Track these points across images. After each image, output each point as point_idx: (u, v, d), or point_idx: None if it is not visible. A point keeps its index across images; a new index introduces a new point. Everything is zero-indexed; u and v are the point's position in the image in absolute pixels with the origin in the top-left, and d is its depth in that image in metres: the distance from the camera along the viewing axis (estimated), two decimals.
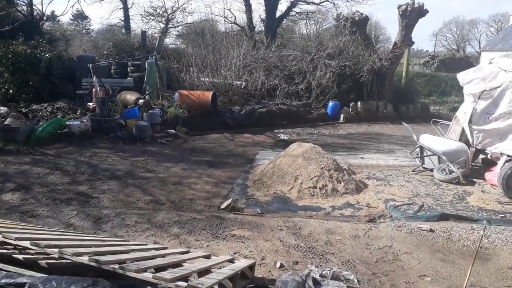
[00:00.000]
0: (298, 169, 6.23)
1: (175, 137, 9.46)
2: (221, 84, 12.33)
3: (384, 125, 12.80)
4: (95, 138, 8.72)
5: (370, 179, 6.73)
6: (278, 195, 5.88)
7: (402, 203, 5.65)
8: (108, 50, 15.60)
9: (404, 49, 13.90)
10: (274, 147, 9.10)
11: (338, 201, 5.72)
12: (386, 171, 7.32)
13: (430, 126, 13.31)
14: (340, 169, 6.36)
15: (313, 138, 10.22)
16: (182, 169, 7.04)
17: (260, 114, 11.61)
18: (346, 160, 7.96)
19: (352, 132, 11.40)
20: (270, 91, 13.73)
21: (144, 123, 8.90)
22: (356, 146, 9.46)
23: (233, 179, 6.57)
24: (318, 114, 12.74)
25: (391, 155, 8.67)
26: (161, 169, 7.00)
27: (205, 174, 6.82)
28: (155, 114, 9.50)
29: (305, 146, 6.64)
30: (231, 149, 8.73)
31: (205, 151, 8.46)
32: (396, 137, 10.74)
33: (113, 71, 14.11)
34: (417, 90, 15.54)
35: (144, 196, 5.68)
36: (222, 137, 10.09)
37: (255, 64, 14.27)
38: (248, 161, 7.75)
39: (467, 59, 34.16)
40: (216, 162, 7.59)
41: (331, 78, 13.32)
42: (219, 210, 5.23)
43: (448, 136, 7.60)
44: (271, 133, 10.92)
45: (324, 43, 14.67)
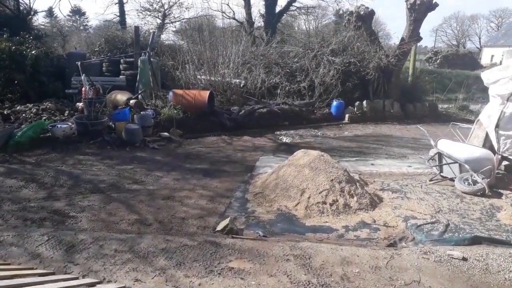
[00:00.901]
0: (304, 181, 5.51)
1: (169, 141, 8.72)
2: (219, 83, 11.58)
3: (391, 126, 12.07)
4: (81, 143, 7.98)
5: (384, 191, 6.01)
6: (283, 212, 5.16)
7: (425, 221, 4.94)
8: (100, 47, 14.81)
9: (412, 45, 13.15)
10: (276, 152, 8.37)
11: (351, 219, 5.00)
12: (401, 180, 6.60)
13: (439, 127, 12.61)
14: (352, 181, 5.63)
15: (318, 142, 9.50)
16: (174, 180, 6.30)
17: (260, 114, 10.87)
18: (356, 168, 7.24)
19: (358, 133, 10.67)
20: (270, 89, 12.98)
21: (134, 126, 8.15)
22: (364, 150, 8.74)
23: (231, 192, 5.84)
24: (322, 114, 12.00)
25: (404, 160, 7.95)
26: (151, 180, 6.26)
27: (200, 185, 6.09)
28: (147, 116, 8.75)
29: (312, 155, 5.91)
30: (229, 155, 8.00)
31: (200, 157, 7.73)
32: (406, 140, 10.02)
33: (104, 69, 13.33)
34: (425, 88, 14.80)
35: (128, 214, 4.95)
36: (219, 140, 9.36)
37: (254, 61, 13.52)
38: (247, 169, 7.03)
39: (471, 55, 33.42)
40: (212, 170, 6.86)
41: (335, 76, 12.57)
42: (214, 233, 4.51)
43: (469, 141, 6.87)
44: (272, 135, 10.19)
45: (327, 39, 13.91)
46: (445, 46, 57.06)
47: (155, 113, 9.57)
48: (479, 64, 33.04)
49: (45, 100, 11.16)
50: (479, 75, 25.28)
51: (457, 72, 28.23)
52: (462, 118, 14.08)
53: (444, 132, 11.41)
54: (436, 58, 31.05)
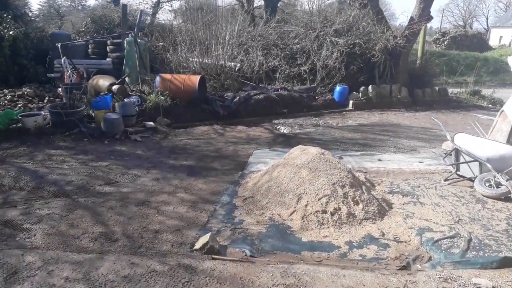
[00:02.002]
0: (301, 185, 4.72)
1: (154, 132, 7.92)
2: (212, 66, 10.68)
3: (399, 113, 11.21)
4: (55, 135, 7.20)
5: (394, 194, 5.23)
6: (275, 222, 4.39)
7: (442, 234, 4.16)
8: (86, 27, 13.85)
9: (422, 25, 12.16)
10: (272, 145, 7.57)
11: (356, 232, 4.23)
12: (412, 180, 5.81)
13: (450, 114, 11.72)
14: (357, 184, 4.85)
15: (319, 132, 8.67)
16: (154, 180, 5.53)
17: (256, 101, 10.02)
18: (361, 164, 6.44)
19: (363, 122, 9.83)
20: (269, 73, 12.09)
21: (114, 116, 7.34)
22: (370, 142, 7.92)
23: (217, 195, 5.07)
24: (324, 100, 11.13)
25: (414, 155, 7.14)
26: (127, 180, 5.49)
27: (182, 187, 5.31)
28: (129, 104, 7.93)
29: (311, 153, 5.11)
30: (219, 148, 7.20)
31: (187, 151, 6.94)
32: (415, 130, 9.18)
33: (90, 51, 12.41)
34: (434, 72, 13.84)
35: (93, 225, 4.19)
36: (211, 130, 8.55)
37: (251, 42, 12.58)
38: (239, 166, 6.24)
39: (480, 36, 32.14)
40: (198, 168, 6.08)
41: (338, 59, 11.64)
42: (192, 252, 3.75)
43: (491, 136, 6.03)
44: (269, 125, 9.36)
45: (330, 18, 12.89)
46: (451, 26, 55.40)
47: (140, 100, 8.74)
48: (488, 45, 31.80)
49: (26, 85, 10.35)
50: (488, 57, 24.23)
51: (465, 54, 27.07)
52: (474, 105, 13.23)
53: (456, 121, 10.57)
54: (444, 39, 29.82)
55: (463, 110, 12.23)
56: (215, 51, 10.90)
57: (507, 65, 27.32)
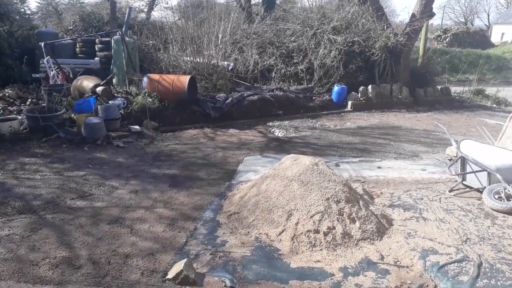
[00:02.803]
0: (292, 200, 4.25)
1: (139, 136, 7.45)
2: (204, 66, 10.19)
3: (400, 114, 10.72)
4: (31, 141, 6.73)
5: (394, 208, 4.76)
6: (262, 244, 3.92)
7: (449, 257, 3.70)
8: (74, 25, 13.36)
9: (424, 22, 11.66)
10: (264, 150, 7.10)
11: (351, 255, 3.76)
12: (414, 191, 5.35)
13: (453, 115, 11.22)
14: (353, 199, 4.37)
15: (315, 136, 8.19)
16: (132, 192, 5.06)
17: (250, 103, 9.54)
18: (359, 172, 5.97)
19: (362, 125, 9.35)
20: (264, 72, 11.63)
21: (95, 120, 6.86)
22: (369, 147, 7.44)
23: (200, 211, 4.60)
24: (321, 101, 10.65)
25: (416, 161, 6.66)
26: (102, 193, 5.02)
27: (162, 200, 4.85)
28: (113, 106, 7.45)
29: (303, 163, 4.63)
30: (207, 154, 6.73)
31: (172, 158, 6.46)
32: (417, 133, 8.70)
33: (78, 50, 11.93)
34: (437, 71, 13.33)
35: (57, 248, 3.72)
36: (200, 134, 8.08)
37: (246, 40, 12.08)
38: (227, 175, 5.77)
39: (482, 32, 31.57)
40: (183, 178, 5.61)
41: (336, 57, 11.15)
42: (164, 282, 3.29)
43: (500, 143, 5.55)
44: (263, 127, 8.89)
45: (328, 15, 12.39)
46: (452, 23, 54.79)
47: (126, 102, 8.26)
48: (490, 42, 31.23)
49: (9, 86, 9.86)
50: (491, 54, 23.58)
51: (467, 51, 26.51)
52: (478, 104, 12.74)
53: (460, 122, 10.09)
54: (446, 36, 29.25)
55: (467, 110, 11.74)
56: (207, 50, 10.41)
57: (509, 63, 26.78)
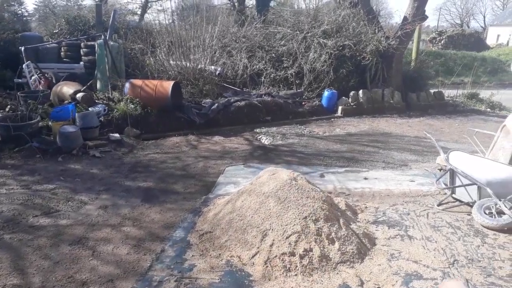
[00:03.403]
0: (268, 219, 3.97)
1: (118, 145, 7.15)
2: (190, 70, 9.91)
3: (391, 120, 10.47)
4: (3, 151, 6.43)
5: (378, 225, 4.49)
6: (233, 268, 3.63)
7: (433, 283, 3.43)
8: (59, 28, 13.07)
9: (416, 25, 11.42)
10: (248, 159, 6.82)
11: (329, 281, 3.47)
12: (400, 205, 5.08)
13: (446, 120, 10.94)
14: (333, 217, 4.09)
15: (302, 143, 7.92)
16: (101, 208, 4.76)
17: (237, 108, 9.26)
18: (344, 184, 5.69)
19: (352, 131, 9.08)
20: (254, 77, 11.36)
21: (70, 129, 6.56)
22: (357, 155, 7.17)
23: (171, 229, 4.31)
24: (311, 106, 10.38)
25: (405, 171, 6.39)
26: (69, 209, 4.72)
27: (132, 217, 4.55)
28: (90, 114, 7.15)
29: (281, 178, 4.35)
30: (187, 164, 6.44)
31: (150, 169, 6.17)
32: (407, 140, 8.43)
33: (63, 54, 11.63)
34: (430, 75, 13.10)
35: (8, 275, 3.43)
36: (183, 142, 7.79)
37: (235, 43, 11.81)
38: (205, 188, 5.48)
39: (477, 35, 31.43)
40: (157, 191, 5.32)
41: (327, 61, 10.90)
42: None
43: (492, 155, 5.29)
44: (250, 134, 8.61)
45: (319, 18, 12.13)
46: (448, 25, 54.82)
47: (107, 109, 7.97)
48: (485, 44, 31.07)
49: None
50: (486, 57, 23.41)
51: (462, 54, 26.36)
52: (472, 109, 12.51)
53: (452, 128, 9.83)
54: (441, 38, 29.06)
55: (460, 115, 11.50)
56: (195, 54, 10.13)
57: (504, 65, 26.61)
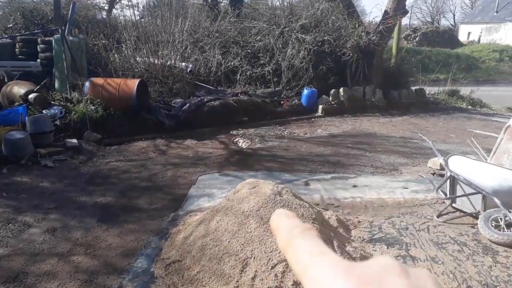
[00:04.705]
0: (248, 245, 3.29)
1: (75, 152, 6.30)
2: (159, 67, 9.10)
3: (373, 119, 9.99)
4: None
5: (375, 244, 3.89)
6: None
7: None
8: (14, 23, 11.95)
9: (398, 19, 11.00)
10: (224, 166, 6.11)
11: None
12: (396, 217, 4.51)
13: (430, 119, 10.54)
14: (326, 239, 3.44)
15: (283, 146, 7.28)
16: (49, 231, 3.96)
17: (211, 109, 8.54)
18: (332, 193, 5.09)
19: (334, 132, 8.52)
20: (228, 74, 10.64)
21: (18, 136, 5.68)
22: (342, 159, 6.59)
23: (131, 258, 3.56)
24: (290, 106, 9.77)
25: (396, 177, 5.85)
26: (9, 233, 3.90)
27: (85, 243, 3.78)
28: (43, 118, 6.27)
29: (263, 193, 3.68)
30: (154, 174, 5.68)
31: (110, 180, 5.37)
32: (394, 140, 7.94)
33: (18, 51, 10.56)
34: (411, 71, 12.75)
35: None
36: (151, 147, 7.00)
37: (208, 39, 11.06)
38: (174, 203, 4.75)
39: (451, 32, 31.75)
40: (117, 208, 4.54)
41: (305, 58, 10.31)
42: None
43: (494, 159, 4.79)
44: (225, 137, 7.90)
45: (296, 12, 11.54)
46: (420, 23, 55.53)
47: (64, 111, 7.10)
48: (458, 41, 31.42)
49: None
50: (460, 54, 23.39)
51: (437, 51, 26.44)
52: (453, 106, 12.23)
53: (437, 127, 9.43)
54: (415, 35, 29.14)
55: (443, 113, 11.17)
56: (163, 50, 9.32)
57: (478, 62, 26.89)
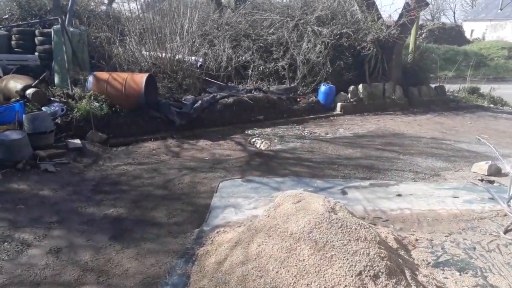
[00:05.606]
0: (302, 276, 2.64)
1: (79, 154, 5.62)
2: (167, 61, 8.41)
3: (396, 118, 9.35)
4: None
5: (444, 268, 3.25)
6: None
7: None
8: (10, 13, 11.23)
9: (420, 11, 10.35)
10: (246, 170, 5.45)
11: None
12: (457, 233, 3.87)
13: (455, 118, 9.73)
14: (396, 267, 2.80)
15: (306, 148, 6.62)
16: (51, 252, 3.30)
17: (224, 106, 7.87)
18: (375, 203, 4.45)
19: (359, 132, 7.87)
20: (239, 70, 9.96)
21: (14, 136, 5.00)
22: (376, 163, 5.94)
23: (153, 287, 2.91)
24: (307, 103, 9.10)
25: (441, 184, 5.21)
26: (4, 255, 3.23)
27: (96, 268, 3.11)
28: (42, 116, 5.57)
29: (313, 209, 3.02)
30: (170, 180, 5.01)
31: (120, 188, 4.70)
32: (425, 141, 7.30)
33: (14, 43, 9.84)
34: (430, 68, 12.09)
35: None
36: (162, 148, 6.33)
37: (217, 31, 10.38)
38: (196, 215, 4.09)
39: (458, 28, 31.12)
40: (131, 222, 3.88)
41: (322, 52, 9.63)
42: None
43: None
44: (241, 137, 7.24)
45: (311, 4, 10.86)
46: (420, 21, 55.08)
47: (65, 108, 6.41)
48: (465, 38, 30.79)
49: None
50: (468, 51, 22.72)
51: (444, 48, 25.81)
52: (475, 105, 11.61)
53: (466, 127, 8.80)
54: (422, 32, 28.47)
55: (467, 111, 10.56)
56: (171, 43, 8.62)
57: (486, 59, 26.30)
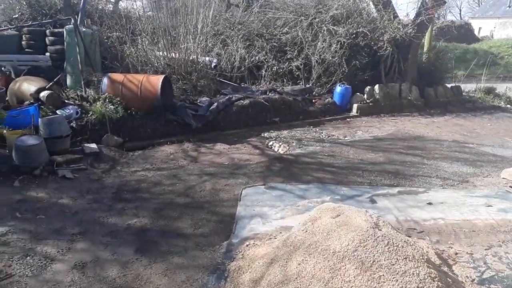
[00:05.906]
0: None
1: (96, 159, 5.48)
2: (180, 62, 8.24)
3: (414, 119, 9.15)
4: None
5: (490, 287, 3.07)
6: None
7: None
8: (20, 13, 11.09)
9: (437, 10, 10.13)
10: (268, 176, 5.28)
11: None
12: (497, 246, 3.69)
13: (473, 119, 9.46)
14: None
15: (326, 152, 6.44)
16: (76, 267, 3.15)
17: (240, 108, 7.70)
18: (406, 212, 4.27)
19: (378, 134, 7.68)
20: (252, 70, 9.78)
21: (31, 141, 4.85)
22: (400, 168, 5.75)
23: None
24: (323, 104, 8.92)
25: (471, 191, 5.02)
26: (27, 271, 3.09)
27: (124, 285, 2.96)
28: (58, 119, 5.43)
29: (356, 226, 2.85)
30: (191, 186, 4.85)
31: (141, 195, 4.55)
32: (447, 145, 7.10)
33: (24, 44, 9.71)
34: (446, 68, 11.88)
35: None
36: (179, 152, 6.18)
37: (230, 31, 10.20)
38: (222, 225, 3.93)
39: (467, 26, 30.73)
40: (156, 233, 3.73)
41: (338, 52, 9.44)
42: None
43: None
44: (258, 140, 7.07)
45: (326, 2, 10.66)
46: None
47: (80, 111, 6.27)
48: (475, 36, 30.44)
49: None
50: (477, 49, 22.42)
51: (454, 46, 25.46)
52: (492, 105, 11.38)
53: (486, 129, 8.58)
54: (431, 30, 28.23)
55: (484, 112, 10.34)
56: (184, 43, 8.46)
57: (496, 57, 25.97)
